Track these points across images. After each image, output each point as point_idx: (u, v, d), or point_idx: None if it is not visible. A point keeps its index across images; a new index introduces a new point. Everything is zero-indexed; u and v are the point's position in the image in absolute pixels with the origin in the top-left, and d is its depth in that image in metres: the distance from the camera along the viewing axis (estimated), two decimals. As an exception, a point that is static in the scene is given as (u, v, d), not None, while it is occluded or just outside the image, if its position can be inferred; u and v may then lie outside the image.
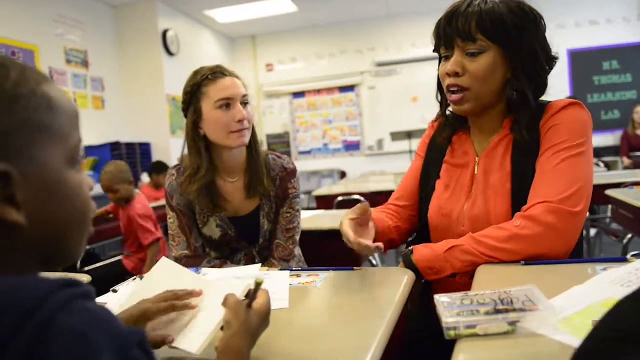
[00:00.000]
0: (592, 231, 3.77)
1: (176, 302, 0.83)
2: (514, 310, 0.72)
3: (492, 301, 0.76)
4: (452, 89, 1.17)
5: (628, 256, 1.08)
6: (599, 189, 2.90)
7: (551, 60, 1.18)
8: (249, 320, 0.70)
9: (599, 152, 5.67)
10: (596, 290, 0.78)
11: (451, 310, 0.74)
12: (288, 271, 1.17)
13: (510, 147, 1.17)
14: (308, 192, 6.81)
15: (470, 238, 1.07)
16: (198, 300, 0.86)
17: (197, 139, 1.56)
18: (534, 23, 1.13)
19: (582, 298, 0.76)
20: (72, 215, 0.51)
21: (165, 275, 0.97)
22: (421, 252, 1.11)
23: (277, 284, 1.07)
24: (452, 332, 0.71)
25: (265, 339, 0.81)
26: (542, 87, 1.18)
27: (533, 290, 0.78)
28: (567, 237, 1.03)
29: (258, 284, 0.75)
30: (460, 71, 1.14)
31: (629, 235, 2.88)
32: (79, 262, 3.00)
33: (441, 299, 0.79)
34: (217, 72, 1.53)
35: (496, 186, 1.15)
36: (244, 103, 1.54)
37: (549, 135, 1.11)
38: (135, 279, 1.28)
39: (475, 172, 1.21)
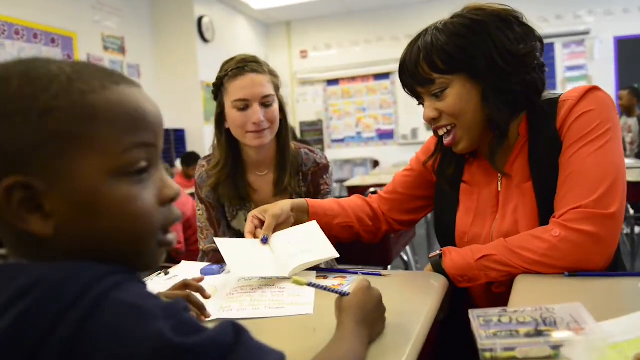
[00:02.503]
0: (637, 229, 3.60)
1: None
2: (558, 332, 0.66)
3: (533, 320, 0.69)
4: (439, 132, 1.13)
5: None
6: (647, 187, 2.75)
7: (523, 56, 1.03)
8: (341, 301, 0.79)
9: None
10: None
11: (487, 330, 0.68)
12: (314, 272, 1.13)
13: (527, 154, 1.08)
14: (341, 181, 6.77)
15: (504, 248, 0.99)
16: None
17: (222, 132, 1.53)
18: (484, 33, 1.02)
19: (638, 324, 0.68)
20: (112, 228, 0.49)
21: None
22: (451, 257, 1.05)
23: (303, 287, 1.03)
24: (488, 355, 0.65)
25: (287, 345, 0.78)
26: (532, 89, 1.06)
27: (579, 309, 0.70)
28: (607, 243, 0.94)
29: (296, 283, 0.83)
30: (436, 115, 1.10)
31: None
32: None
33: (477, 315, 0.73)
34: (240, 68, 1.45)
35: (523, 199, 1.07)
36: (265, 104, 1.46)
37: (573, 130, 1.01)
38: (159, 274, 1.27)
39: (499, 188, 1.12)
